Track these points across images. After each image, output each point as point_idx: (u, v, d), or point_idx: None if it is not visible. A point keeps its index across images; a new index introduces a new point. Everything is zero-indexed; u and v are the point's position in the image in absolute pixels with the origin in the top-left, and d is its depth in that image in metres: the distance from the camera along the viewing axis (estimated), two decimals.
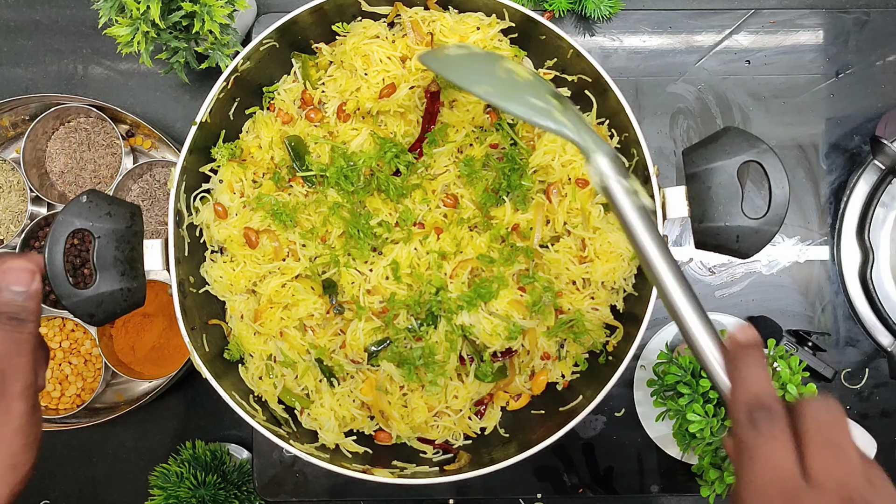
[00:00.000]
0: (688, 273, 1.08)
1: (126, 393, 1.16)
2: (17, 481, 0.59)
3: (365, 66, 0.88)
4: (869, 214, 1.04)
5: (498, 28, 0.88)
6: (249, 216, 0.89)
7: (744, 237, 0.76)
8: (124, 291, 0.74)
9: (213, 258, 0.90)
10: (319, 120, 0.91)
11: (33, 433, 0.61)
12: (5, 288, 0.63)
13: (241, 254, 0.88)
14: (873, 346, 1.06)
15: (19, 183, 1.13)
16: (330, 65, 0.93)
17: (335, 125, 0.91)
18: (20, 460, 0.59)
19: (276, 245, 0.88)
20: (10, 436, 0.59)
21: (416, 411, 0.88)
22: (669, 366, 0.91)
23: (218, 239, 0.89)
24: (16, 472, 0.59)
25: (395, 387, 0.89)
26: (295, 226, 0.88)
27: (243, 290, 0.89)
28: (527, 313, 0.87)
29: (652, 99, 1.10)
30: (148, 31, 0.91)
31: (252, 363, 0.89)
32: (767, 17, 1.10)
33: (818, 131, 1.09)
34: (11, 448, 0.59)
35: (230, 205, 0.89)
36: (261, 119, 0.92)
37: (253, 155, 0.91)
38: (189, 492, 0.99)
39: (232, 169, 0.89)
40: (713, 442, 0.86)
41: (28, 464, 0.60)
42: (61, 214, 0.71)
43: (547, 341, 0.90)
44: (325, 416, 0.88)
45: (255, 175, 0.91)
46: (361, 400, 0.89)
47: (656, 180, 0.81)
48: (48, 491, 1.16)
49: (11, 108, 1.11)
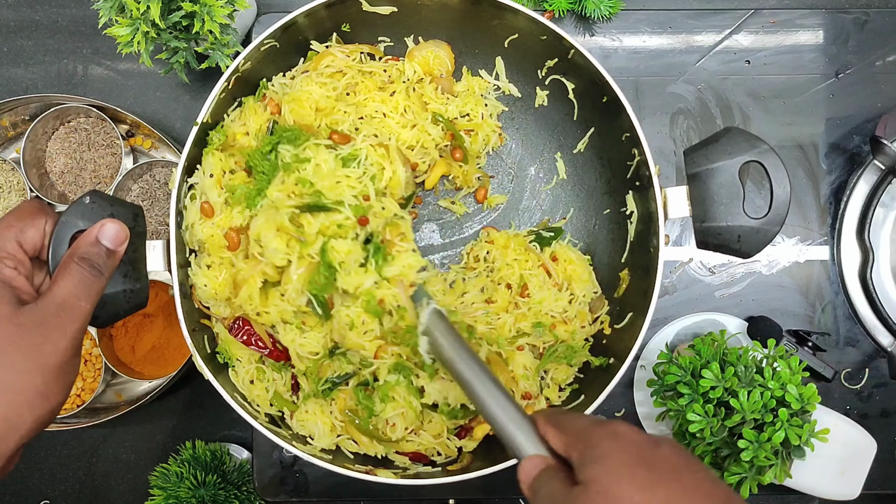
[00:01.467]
0: (688, 273, 1.08)
1: (126, 393, 1.16)
2: (45, 412, 0.61)
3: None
4: (869, 214, 1.04)
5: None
6: (232, 215, 0.84)
7: (745, 237, 0.76)
8: (127, 293, 0.74)
9: (197, 264, 0.85)
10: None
11: (70, 372, 0.63)
12: (98, 238, 0.69)
13: (220, 256, 0.84)
14: (873, 346, 1.06)
15: (19, 183, 1.13)
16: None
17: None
18: (52, 390, 0.61)
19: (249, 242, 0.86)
20: (50, 367, 0.61)
21: (391, 429, 0.86)
22: (669, 366, 0.91)
23: (200, 238, 0.84)
24: (46, 402, 0.61)
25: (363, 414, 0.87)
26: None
27: (224, 298, 0.86)
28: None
29: (652, 99, 1.10)
30: (148, 31, 0.91)
31: (241, 367, 0.88)
32: (767, 17, 1.10)
33: (818, 131, 1.10)
34: (47, 378, 0.61)
35: (216, 200, 0.85)
36: (250, 106, 0.89)
37: (238, 141, 0.88)
38: (189, 492, 0.99)
39: (219, 158, 0.86)
40: (713, 442, 0.86)
41: (58, 397, 0.62)
42: (64, 215, 0.71)
43: (527, 382, 0.88)
44: (311, 422, 0.87)
45: (235, 164, 0.87)
46: (336, 416, 0.88)
47: (657, 180, 0.81)
48: (48, 491, 1.16)
49: (11, 108, 1.11)
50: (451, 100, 0.94)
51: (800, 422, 0.84)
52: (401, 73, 0.93)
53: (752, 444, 0.83)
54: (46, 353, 0.61)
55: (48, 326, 0.62)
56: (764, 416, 0.84)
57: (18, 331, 0.60)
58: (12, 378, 0.59)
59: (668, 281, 1.08)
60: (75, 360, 0.64)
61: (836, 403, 1.05)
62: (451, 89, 0.95)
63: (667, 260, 1.07)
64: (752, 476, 0.85)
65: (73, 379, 0.64)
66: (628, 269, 0.91)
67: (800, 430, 0.84)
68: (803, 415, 0.86)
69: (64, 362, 0.62)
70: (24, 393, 0.59)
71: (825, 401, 1.01)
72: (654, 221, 0.82)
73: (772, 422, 0.84)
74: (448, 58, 0.95)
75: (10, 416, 0.59)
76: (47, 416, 0.61)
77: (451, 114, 0.93)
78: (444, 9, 0.91)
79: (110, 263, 0.70)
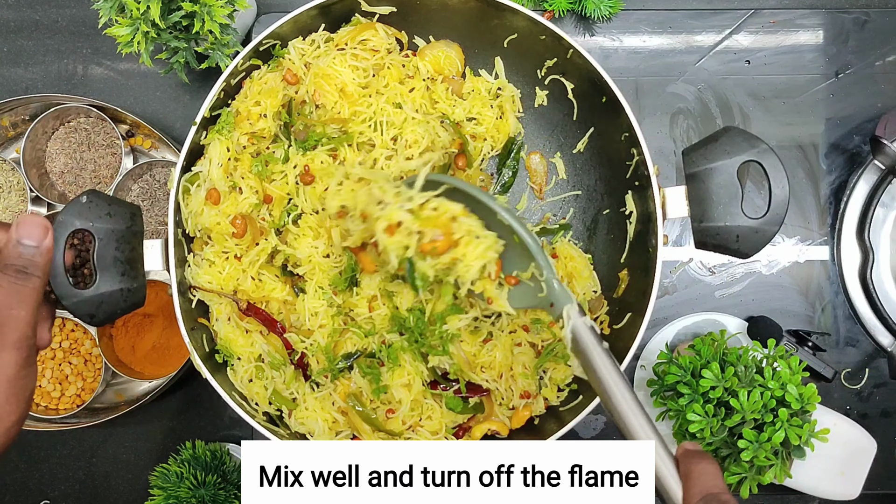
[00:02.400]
0: (688, 273, 1.08)
1: (126, 393, 1.16)
2: (3, 430, 0.58)
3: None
4: (869, 214, 1.04)
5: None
6: (238, 201, 0.86)
7: (744, 237, 0.76)
8: (124, 292, 0.74)
9: (196, 263, 0.87)
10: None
11: (23, 386, 0.60)
12: (17, 240, 0.63)
13: (224, 246, 0.86)
14: (873, 346, 1.06)
15: (19, 183, 1.13)
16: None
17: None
18: (4, 411, 0.58)
19: (258, 225, 0.88)
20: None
21: (390, 422, 0.87)
22: (669, 366, 0.91)
23: (206, 225, 0.85)
24: (1, 421, 0.58)
25: (366, 400, 0.88)
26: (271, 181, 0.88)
27: (230, 292, 0.88)
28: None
29: (652, 99, 1.10)
30: (148, 31, 0.91)
31: (240, 366, 0.88)
32: (767, 17, 1.10)
33: (818, 131, 1.09)
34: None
35: (223, 189, 0.86)
36: (263, 80, 0.89)
37: (256, 124, 0.88)
38: (189, 492, 0.99)
39: (226, 146, 0.86)
40: (713, 442, 0.86)
41: (13, 415, 0.59)
42: (62, 215, 0.71)
43: (526, 381, 0.89)
44: (311, 419, 0.88)
45: (248, 142, 0.88)
46: (339, 406, 0.89)
47: (656, 180, 0.81)
48: (48, 491, 1.16)
49: (11, 108, 1.11)
50: (459, 102, 0.94)
51: (800, 422, 0.84)
52: (416, 71, 0.94)
53: (752, 444, 0.83)
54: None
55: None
56: (764, 416, 0.84)
57: None
58: None
59: (668, 281, 1.08)
60: (28, 371, 0.61)
61: (836, 403, 1.05)
62: (459, 91, 0.95)
63: (666, 260, 1.07)
64: (752, 476, 0.85)
65: (31, 389, 0.61)
66: (627, 269, 0.91)
67: (800, 430, 0.84)
68: (803, 415, 0.86)
69: (12, 375, 0.59)
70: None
71: (825, 401, 1.01)
72: (652, 221, 0.82)
73: (772, 422, 0.84)
74: (459, 59, 0.95)
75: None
76: (7, 435, 0.58)
77: (458, 116, 0.93)
78: (444, 8, 0.91)
79: (39, 260, 0.63)
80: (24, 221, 0.63)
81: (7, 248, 0.63)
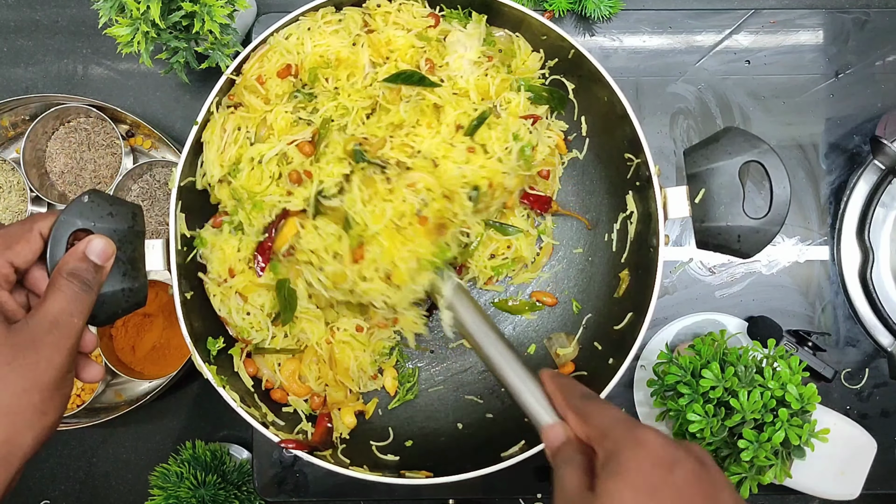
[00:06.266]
0: (688, 273, 1.08)
1: (126, 393, 1.16)
2: (44, 429, 0.61)
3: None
4: (869, 214, 1.04)
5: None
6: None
7: (745, 237, 0.76)
8: (126, 292, 0.74)
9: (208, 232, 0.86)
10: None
11: (65, 389, 0.64)
12: (87, 254, 0.70)
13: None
14: (873, 346, 1.06)
15: (19, 183, 1.13)
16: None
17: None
18: (49, 407, 0.61)
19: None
20: (46, 384, 0.61)
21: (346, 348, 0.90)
22: (669, 366, 0.91)
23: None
24: (44, 419, 0.61)
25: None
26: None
27: (246, 258, 0.85)
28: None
29: (652, 99, 1.10)
30: (148, 31, 0.91)
31: (221, 291, 0.87)
32: (767, 17, 1.10)
33: (818, 131, 1.10)
34: (44, 396, 0.61)
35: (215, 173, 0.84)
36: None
37: (266, 86, 0.84)
38: (189, 492, 0.99)
39: (235, 117, 0.84)
40: (713, 442, 0.86)
41: (56, 413, 0.62)
42: (63, 214, 0.71)
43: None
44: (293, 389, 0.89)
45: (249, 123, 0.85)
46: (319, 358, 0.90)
47: (657, 180, 0.81)
48: (48, 491, 1.16)
49: (11, 108, 1.11)
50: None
51: (800, 422, 0.84)
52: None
53: (752, 444, 0.83)
54: (42, 371, 0.61)
55: (42, 344, 0.62)
56: (764, 416, 0.84)
57: (12, 351, 0.60)
58: (10, 399, 0.59)
59: (668, 281, 1.08)
60: (70, 376, 0.64)
61: (836, 403, 1.05)
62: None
63: (667, 260, 1.07)
64: (752, 476, 0.85)
65: (69, 394, 0.65)
66: (628, 268, 0.91)
67: (800, 430, 0.84)
68: (803, 415, 0.86)
69: (59, 379, 0.62)
70: (22, 413, 0.60)
71: (825, 401, 1.01)
72: (653, 221, 0.82)
73: (772, 422, 0.84)
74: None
75: (12, 437, 0.59)
76: (46, 433, 0.62)
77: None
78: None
79: (98, 279, 0.70)
80: (97, 240, 0.70)
81: (74, 258, 0.69)
